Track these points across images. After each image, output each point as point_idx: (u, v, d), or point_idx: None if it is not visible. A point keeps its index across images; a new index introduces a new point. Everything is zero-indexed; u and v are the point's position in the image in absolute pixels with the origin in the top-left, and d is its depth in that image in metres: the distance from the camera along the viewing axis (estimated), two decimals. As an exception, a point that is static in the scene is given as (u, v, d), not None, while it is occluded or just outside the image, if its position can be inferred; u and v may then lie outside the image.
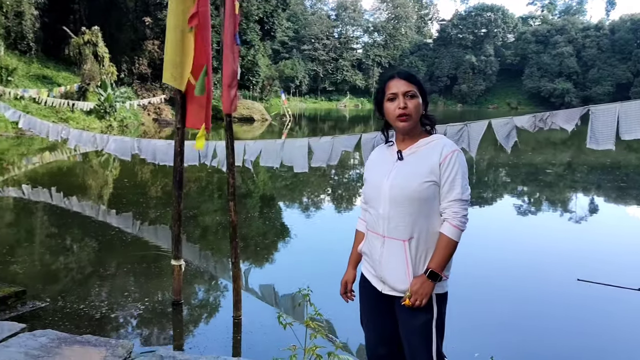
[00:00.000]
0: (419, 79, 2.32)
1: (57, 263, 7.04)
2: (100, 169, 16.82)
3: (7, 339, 3.24)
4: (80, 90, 30.45)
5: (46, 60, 36.13)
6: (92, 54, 30.63)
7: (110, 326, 4.97)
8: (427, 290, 2.17)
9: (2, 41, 28.40)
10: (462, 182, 2.20)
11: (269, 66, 58.76)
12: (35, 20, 31.45)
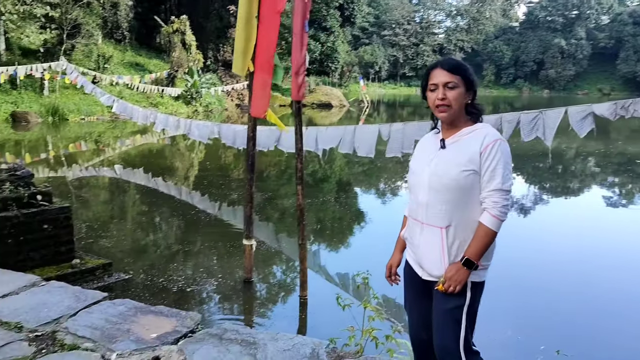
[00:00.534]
0: (464, 69, 2.28)
1: (142, 239, 7.54)
2: (186, 152, 17.62)
3: (90, 305, 3.56)
4: (169, 77, 32.00)
5: (139, 48, 38.17)
6: (180, 42, 32.00)
7: (185, 299, 5.30)
8: (461, 277, 2.18)
9: (99, 31, 30.26)
10: (503, 171, 2.17)
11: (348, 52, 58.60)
12: (130, 10, 33.22)
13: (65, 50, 26.02)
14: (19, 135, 19.76)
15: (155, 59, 37.14)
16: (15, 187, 5.16)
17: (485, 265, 2.28)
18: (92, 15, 28.10)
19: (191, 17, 34.10)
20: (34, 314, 3.41)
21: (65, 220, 5.44)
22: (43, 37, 24.81)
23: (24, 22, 23.96)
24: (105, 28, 32.04)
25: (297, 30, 4.52)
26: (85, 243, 6.89)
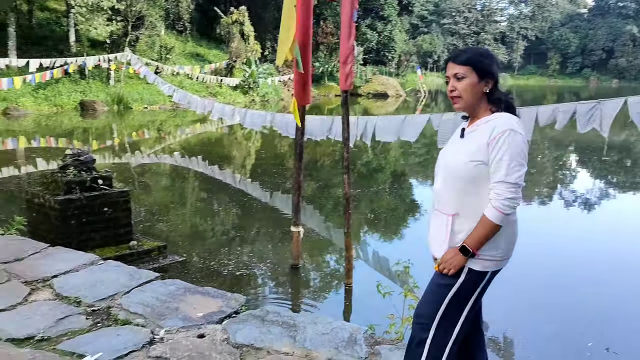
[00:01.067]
0: (474, 59, 2.25)
1: (197, 223, 7.82)
2: (243, 141, 18.01)
3: (143, 284, 3.77)
4: (227, 67, 32.65)
5: (199, 39, 39.10)
6: (239, 33, 32.55)
7: (234, 282, 5.48)
8: (456, 262, 2.20)
9: (162, 22, 31.22)
10: (509, 163, 2.12)
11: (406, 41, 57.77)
12: (191, 2, 34.05)
13: (130, 41, 27.02)
14: (86, 122, 20.77)
15: (214, 50, 37.97)
16: (78, 172, 5.48)
17: (490, 256, 2.23)
18: (155, 7, 29.02)
19: (250, 7, 34.61)
20: (91, 290, 3.65)
21: (125, 203, 5.72)
22: (109, 29, 25.85)
23: (92, 14, 25.04)
24: (167, 20, 33.01)
25: (345, 20, 4.56)
26: (144, 226, 7.22)
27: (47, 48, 26.18)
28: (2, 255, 4.25)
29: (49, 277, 3.86)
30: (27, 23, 27.47)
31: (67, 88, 24.10)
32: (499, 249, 2.22)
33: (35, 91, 22.67)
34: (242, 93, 31.56)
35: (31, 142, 15.56)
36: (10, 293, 3.57)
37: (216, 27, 39.70)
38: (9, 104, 21.10)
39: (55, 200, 5.27)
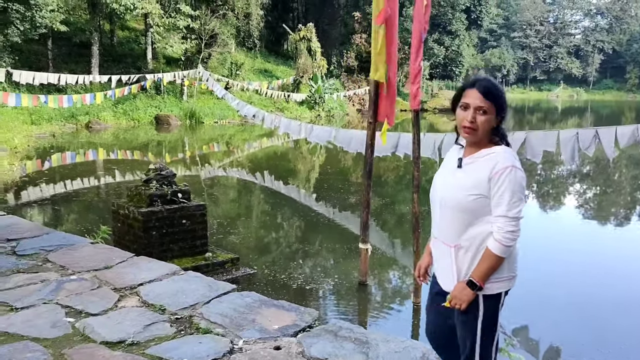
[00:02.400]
0: (497, 95, 2.26)
1: (266, 237, 8.05)
2: (308, 155, 18.31)
3: (221, 295, 3.96)
4: (294, 83, 33.33)
5: (268, 55, 40.16)
6: (306, 49, 33.18)
7: (303, 296, 5.62)
8: (466, 297, 2.25)
9: (233, 40, 32.32)
10: (510, 199, 2.17)
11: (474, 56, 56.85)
12: (260, 19, 35.05)
13: (203, 58, 28.14)
14: (161, 136, 21.76)
15: (282, 66, 38.85)
16: (160, 185, 5.82)
17: (497, 279, 2.27)
18: (227, 25, 30.12)
19: (317, 24, 35.28)
20: (174, 299, 3.87)
21: (201, 216, 6.01)
22: (184, 46, 27.08)
23: (168, 33, 26.33)
24: (238, 37, 34.13)
25: (415, 41, 4.64)
26: (217, 238, 7.51)
27: (127, 65, 27.69)
28: (93, 263, 4.57)
29: (135, 285, 4.13)
30: (109, 42, 29.19)
31: (143, 103, 25.37)
32: (503, 271, 2.27)
33: (115, 106, 24.00)
34: (308, 108, 32.07)
35: (110, 154, 16.49)
36: (101, 299, 3.85)
37: (284, 44, 40.74)
38: (91, 118, 22.45)
39: (139, 212, 5.61)
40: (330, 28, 40.80)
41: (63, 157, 15.50)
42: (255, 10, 33.19)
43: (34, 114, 20.41)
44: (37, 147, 16.80)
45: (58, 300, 3.79)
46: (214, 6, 29.22)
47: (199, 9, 27.93)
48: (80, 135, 20.43)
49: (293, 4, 45.68)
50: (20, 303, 3.73)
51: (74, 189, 11.22)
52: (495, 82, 2.35)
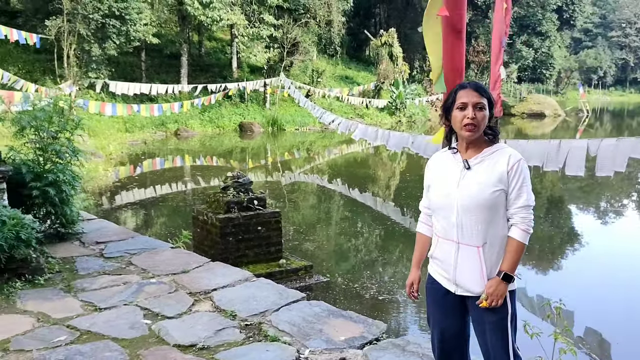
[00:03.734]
0: (489, 92, 2.39)
1: (342, 244, 8.05)
2: (388, 162, 18.17)
3: (291, 304, 4.00)
4: (375, 89, 33.22)
5: (349, 61, 40.32)
6: (387, 54, 32.99)
7: (376, 307, 5.55)
8: (502, 291, 2.28)
9: (315, 47, 32.76)
10: (527, 189, 2.31)
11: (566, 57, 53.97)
12: (342, 26, 35.28)
13: (285, 66, 28.72)
14: (244, 143, 22.42)
15: (363, 72, 38.87)
16: (237, 193, 5.98)
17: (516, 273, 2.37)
18: (309, 33, 30.59)
19: (399, 28, 34.98)
20: (245, 305, 3.95)
21: (276, 223, 6.11)
22: (267, 55, 27.77)
23: (252, 42, 27.13)
24: (319, 44, 34.53)
25: (494, 45, 4.46)
26: (292, 245, 7.61)
27: (213, 74, 28.82)
28: (172, 267, 4.78)
29: (209, 290, 4.27)
30: (197, 52, 30.52)
31: (228, 111, 26.26)
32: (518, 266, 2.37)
33: (201, 114, 25.03)
34: (389, 114, 31.84)
35: (196, 160, 17.20)
36: (177, 302, 4.01)
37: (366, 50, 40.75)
38: (179, 126, 23.54)
39: (216, 218, 5.80)
40: (412, 32, 40.21)
41: (153, 163, 16.35)
42: (337, 18, 33.45)
43: (128, 122, 21.71)
44: (129, 153, 17.84)
45: (138, 303, 3.99)
46: (296, 15, 29.77)
47: (281, 18, 28.55)
48: (169, 142, 21.48)
49: (375, 10, 45.61)
50: (104, 304, 3.96)
51: (161, 194, 11.80)
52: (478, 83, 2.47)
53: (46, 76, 22.18)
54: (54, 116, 5.19)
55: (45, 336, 3.41)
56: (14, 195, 5.02)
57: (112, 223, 6.47)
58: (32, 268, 4.40)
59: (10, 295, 4.05)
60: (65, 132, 5.35)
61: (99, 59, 20.98)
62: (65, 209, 5.29)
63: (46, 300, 4.00)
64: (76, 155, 5.44)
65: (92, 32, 20.26)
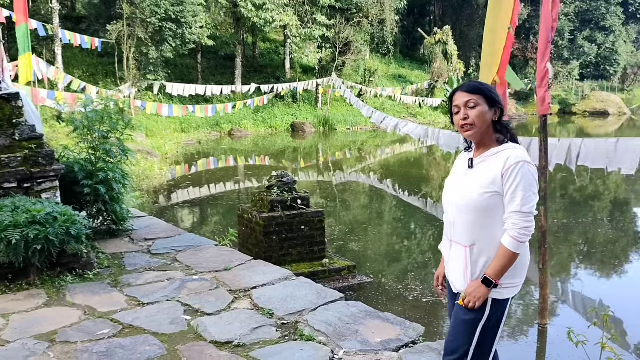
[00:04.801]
0: (484, 89, 2.31)
1: (387, 246, 7.97)
2: (442, 162, 17.88)
3: (328, 304, 3.98)
4: (429, 88, 32.75)
5: (402, 60, 39.93)
6: (441, 53, 32.46)
7: (418, 309, 5.45)
8: (480, 294, 2.23)
9: (367, 46, 32.62)
10: (523, 194, 2.17)
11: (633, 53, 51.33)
12: (395, 25, 34.97)
13: (337, 66, 28.76)
14: (296, 143, 22.60)
15: (417, 70, 38.39)
16: (281, 192, 6.02)
17: (510, 284, 2.29)
18: (361, 32, 30.47)
19: (455, 26, 34.34)
20: (283, 304, 3.97)
21: (319, 223, 6.12)
22: (319, 55, 27.88)
23: (304, 43, 27.31)
24: (372, 43, 34.35)
25: (542, 41, 4.29)
26: (337, 244, 7.60)
27: (267, 75, 29.22)
28: (215, 265, 4.87)
29: (249, 288, 4.31)
30: (252, 54, 31.01)
31: (281, 111, 26.56)
32: (516, 276, 2.29)
33: (254, 114, 25.42)
34: (443, 113, 31.29)
35: (248, 160, 17.48)
36: (217, 299, 4.07)
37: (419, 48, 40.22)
38: (233, 126, 24.00)
39: (260, 217, 5.86)
40: (468, 30, 39.40)
41: (206, 163, 16.74)
42: (390, 16, 33.18)
43: (184, 122, 22.33)
44: (184, 153, 18.33)
45: (179, 299, 4.09)
46: (348, 14, 29.73)
47: (334, 18, 28.60)
48: (223, 142, 21.93)
49: (430, 8, 44.95)
50: (147, 299, 4.07)
51: (213, 193, 12.05)
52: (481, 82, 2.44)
53: (108, 79, 23.15)
54: (105, 117, 5.38)
55: (90, 329, 3.54)
56: (69, 192, 5.24)
57: (161, 220, 6.66)
58: (82, 263, 4.58)
59: (61, 289, 4.23)
60: (116, 132, 5.54)
61: (156, 61, 21.67)
62: (115, 207, 5.48)
63: (94, 294, 4.15)
64: (126, 155, 5.62)
65: (149, 35, 20.96)
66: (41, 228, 4.02)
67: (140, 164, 13.31)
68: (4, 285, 4.23)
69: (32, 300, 4.01)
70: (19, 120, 4.51)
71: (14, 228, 3.94)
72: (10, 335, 3.44)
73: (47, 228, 4.06)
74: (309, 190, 8.43)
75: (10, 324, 3.61)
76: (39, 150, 4.51)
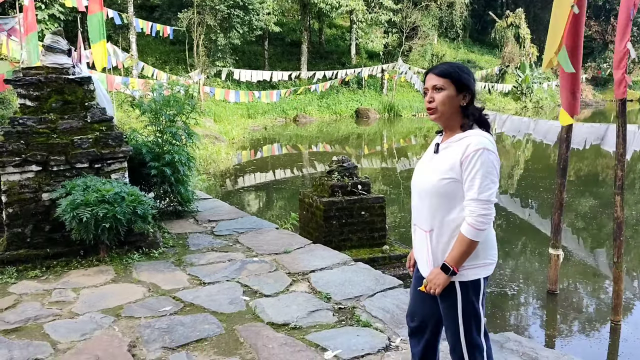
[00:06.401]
0: (453, 72, 2.25)
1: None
2: (511, 150, 17.28)
3: (387, 290, 3.92)
4: (499, 73, 31.60)
5: (471, 45, 38.75)
6: (513, 37, 31.20)
7: (482, 300, 5.29)
8: (439, 281, 2.24)
9: (435, 31, 31.85)
10: (481, 181, 2.15)
11: None
12: (465, 8, 33.91)
13: (403, 51, 28.27)
14: (360, 129, 22.48)
15: (487, 55, 37.17)
16: (342, 177, 5.99)
17: (473, 265, 2.24)
18: (429, 17, 29.78)
19: (528, 8, 32.87)
20: (341, 288, 3.95)
21: (380, 209, 6.03)
22: (384, 41, 27.49)
23: (370, 28, 26.99)
24: (440, 28, 33.51)
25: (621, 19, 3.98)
26: (400, 231, 7.48)
27: (332, 61, 29.17)
28: (275, 247, 4.91)
29: (307, 271, 4.32)
30: (318, 40, 31.02)
31: (345, 97, 26.47)
32: (478, 258, 2.24)
33: (319, 100, 25.47)
34: (514, 99, 30.18)
35: (312, 146, 17.55)
36: (276, 281, 4.11)
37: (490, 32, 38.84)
38: (298, 112, 24.17)
39: (321, 201, 5.85)
40: (542, 12, 37.58)
41: (272, 148, 16.95)
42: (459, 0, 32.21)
43: (250, 108, 22.69)
44: (250, 138, 18.65)
45: (239, 279, 4.15)
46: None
47: (400, 2, 28.08)
48: (288, 128, 22.13)
49: (502, -10, 43.28)
50: (209, 279, 4.16)
51: (277, 177, 12.20)
52: (458, 64, 2.35)
53: (179, 65, 23.85)
54: (172, 101, 5.52)
55: (153, 305, 3.65)
56: (137, 174, 5.43)
57: (225, 203, 6.79)
58: (148, 242, 4.74)
59: (128, 266, 4.40)
60: (182, 116, 5.68)
61: (224, 48, 22.09)
62: (180, 188, 5.63)
63: (158, 272, 4.29)
64: (191, 138, 5.75)
65: (218, 22, 21.37)
66: (110, 207, 4.19)
67: (208, 148, 13.66)
68: (76, 261, 4.44)
69: (100, 275, 4.19)
70: (90, 103, 4.70)
71: (84, 206, 4.12)
72: (80, 308, 3.61)
73: (115, 207, 4.22)
74: (372, 176, 8.34)
75: (80, 297, 3.79)
76: (109, 132, 4.69)
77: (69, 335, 3.24)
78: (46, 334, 3.26)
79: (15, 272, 4.23)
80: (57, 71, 4.62)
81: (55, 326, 3.35)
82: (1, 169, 4.31)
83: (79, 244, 4.38)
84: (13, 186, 4.36)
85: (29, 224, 4.42)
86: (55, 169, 4.48)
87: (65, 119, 4.57)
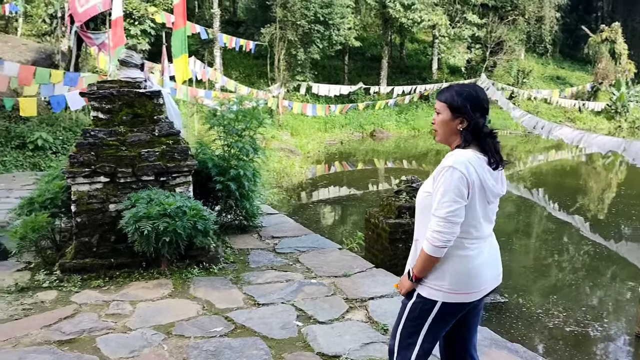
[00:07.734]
0: (450, 97, 2.32)
1: (526, 263, 7.26)
2: (602, 172, 16.18)
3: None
4: (591, 90, 29.80)
5: (562, 61, 36.88)
6: (608, 52, 29.38)
7: (558, 338, 4.83)
8: (405, 284, 2.37)
9: (522, 46, 30.61)
10: (440, 198, 2.21)
11: None
12: (555, 22, 32.40)
13: (487, 66, 27.37)
14: (439, 145, 21.83)
15: (578, 72, 35.22)
16: (410, 198, 5.73)
17: (435, 286, 2.27)
18: (515, 31, 28.68)
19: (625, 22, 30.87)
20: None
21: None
22: (467, 56, 26.74)
23: (453, 43, 26.36)
24: (528, 42, 32.18)
25: None
26: (472, 257, 7.07)
27: (412, 76, 28.72)
28: (335, 269, 4.74)
29: (366, 298, 4.11)
30: (399, 55, 30.70)
31: (424, 112, 25.91)
32: (444, 280, 2.26)
33: (398, 115, 25.11)
34: (607, 118, 28.30)
35: (387, 162, 17.25)
36: (332, 307, 3.93)
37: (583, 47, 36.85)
38: (376, 127, 23.93)
39: (386, 222, 5.63)
40: (642, 26, 35.27)
41: (346, 163, 16.83)
42: (550, 13, 30.80)
43: (327, 122, 22.73)
44: (326, 152, 18.63)
45: (294, 302, 4.01)
46: (502, 12, 28.12)
47: (486, 16, 27.22)
48: (364, 143, 21.95)
49: (598, 3, 41.01)
50: (264, 299, 4.06)
51: (349, 194, 12.04)
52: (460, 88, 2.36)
53: (261, 79, 24.37)
54: (240, 115, 5.52)
55: (205, 325, 3.59)
56: (204, 188, 5.46)
57: (290, 219, 6.71)
58: (209, 257, 4.73)
59: (187, 281, 4.39)
60: (250, 131, 5.66)
61: (304, 62, 22.33)
62: (245, 203, 5.60)
63: (215, 289, 4.24)
64: (256, 152, 5.72)
65: (299, 37, 21.65)
66: (170, 221, 4.19)
67: (282, 162, 13.74)
68: (138, 272, 4.50)
69: (159, 289, 4.20)
70: (159, 117, 4.77)
71: (146, 219, 4.15)
72: (133, 322, 3.61)
73: (176, 221, 4.22)
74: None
75: (136, 311, 3.80)
76: (175, 146, 4.73)
77: (118, 350, 3.23)
78: (97, 347, 3.27)
79: (80, 280, 4.33)
80: (129, 85, 4.73)
81: (107, 340, 3.36)
82: (72, 179, 4.44)
83: (142, 255, 4.42)
84: (82, 196, 4.49)
85: (96, 234, 4.53)
86: (122, 181, 4.57)
87: (134, 131, 4.66)
